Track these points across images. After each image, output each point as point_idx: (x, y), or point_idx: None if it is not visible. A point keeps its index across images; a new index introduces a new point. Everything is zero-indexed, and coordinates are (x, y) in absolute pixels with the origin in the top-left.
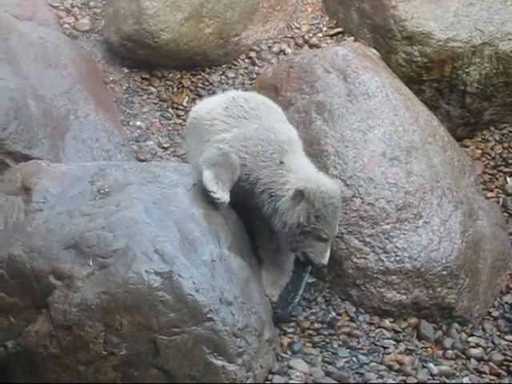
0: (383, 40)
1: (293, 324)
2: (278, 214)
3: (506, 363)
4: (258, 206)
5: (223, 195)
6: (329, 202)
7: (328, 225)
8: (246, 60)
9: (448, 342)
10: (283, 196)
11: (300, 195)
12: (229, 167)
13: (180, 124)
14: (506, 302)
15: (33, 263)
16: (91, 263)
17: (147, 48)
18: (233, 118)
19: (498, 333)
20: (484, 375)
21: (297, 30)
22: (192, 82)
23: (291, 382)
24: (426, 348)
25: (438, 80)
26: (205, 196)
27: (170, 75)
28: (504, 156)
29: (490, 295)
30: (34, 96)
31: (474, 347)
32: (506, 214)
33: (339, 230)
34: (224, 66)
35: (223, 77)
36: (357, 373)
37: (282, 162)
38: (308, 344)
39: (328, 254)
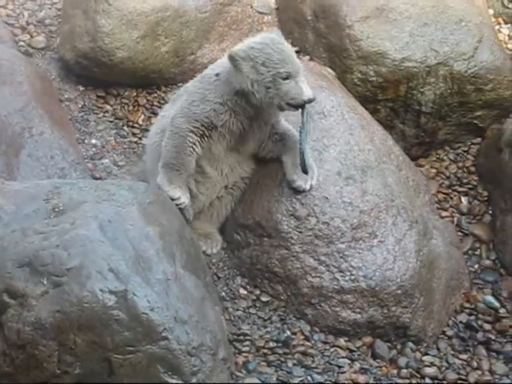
0: (338, 59)
1: (247, 343)
2: (244, 92)
3: (460, 382)
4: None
5: (179, 195)
6: (263, 44)
7: (280, 62)
8: None
9: (402, 361)
10: (231, 82)
11: (232, 59)
12: (182, 167)
13: (135, 142)
14: (461, 322)
15: None
16: (45, 282)
17: (103, 66)
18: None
19: (452, 352)
20: None
21: None
22: (148, 100)
23: None
24: (380, 367)
25: (393, 100)
26: (160, 214)
27: (126, 93)
28: (459, 176)
29: (445, 314)
30: None
31: (428, 366)
32: (460, 234)
33: (295, 250)
34: (180, 84)
35: None
36: None
37: (217, 74)
38: (263, 363)
39: (306, 86)
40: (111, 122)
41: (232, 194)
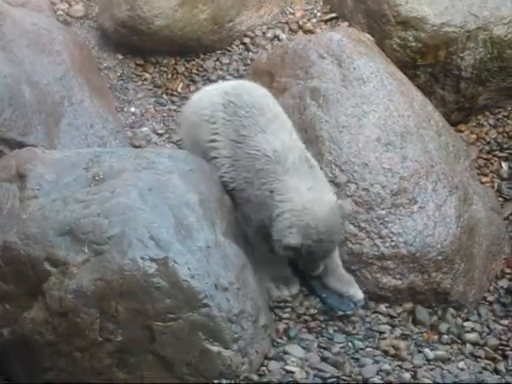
0: (377, 25)
1: (288, 310)
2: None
3: (501, 348)
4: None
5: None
6: (318, 237)
7: (322, 252)
8: (241, 46)
9: (443, 327)
10: (279, 235)
11: (290, 249)
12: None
13: (175, 110)
14: (502, 287)
15: (28, 250)
16: (86, 250)
17: (141, 34)
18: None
19: (493, 317)
20: (479, 360)
21: (291, 16)
22: (186, 68)
23: (287, 367)
24: (421, 333)
25: (433, 65)
26: (199, 182)
27: (164, 61)
28: (499, 141)
29: (486, 280)
30: (28, 82)
31: (469, 332)
32: (500, 199)
33: None
34: (218, 51)
35: (217, 63)
36: (352, 358)
37: (271, 192)
38: (304, 330)
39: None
40: (150, 90)
41: None
